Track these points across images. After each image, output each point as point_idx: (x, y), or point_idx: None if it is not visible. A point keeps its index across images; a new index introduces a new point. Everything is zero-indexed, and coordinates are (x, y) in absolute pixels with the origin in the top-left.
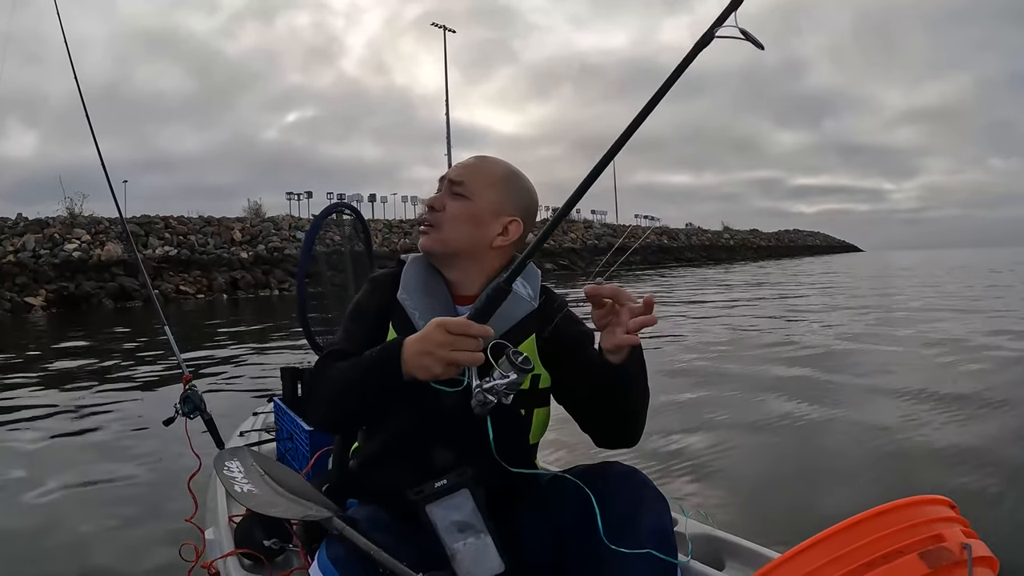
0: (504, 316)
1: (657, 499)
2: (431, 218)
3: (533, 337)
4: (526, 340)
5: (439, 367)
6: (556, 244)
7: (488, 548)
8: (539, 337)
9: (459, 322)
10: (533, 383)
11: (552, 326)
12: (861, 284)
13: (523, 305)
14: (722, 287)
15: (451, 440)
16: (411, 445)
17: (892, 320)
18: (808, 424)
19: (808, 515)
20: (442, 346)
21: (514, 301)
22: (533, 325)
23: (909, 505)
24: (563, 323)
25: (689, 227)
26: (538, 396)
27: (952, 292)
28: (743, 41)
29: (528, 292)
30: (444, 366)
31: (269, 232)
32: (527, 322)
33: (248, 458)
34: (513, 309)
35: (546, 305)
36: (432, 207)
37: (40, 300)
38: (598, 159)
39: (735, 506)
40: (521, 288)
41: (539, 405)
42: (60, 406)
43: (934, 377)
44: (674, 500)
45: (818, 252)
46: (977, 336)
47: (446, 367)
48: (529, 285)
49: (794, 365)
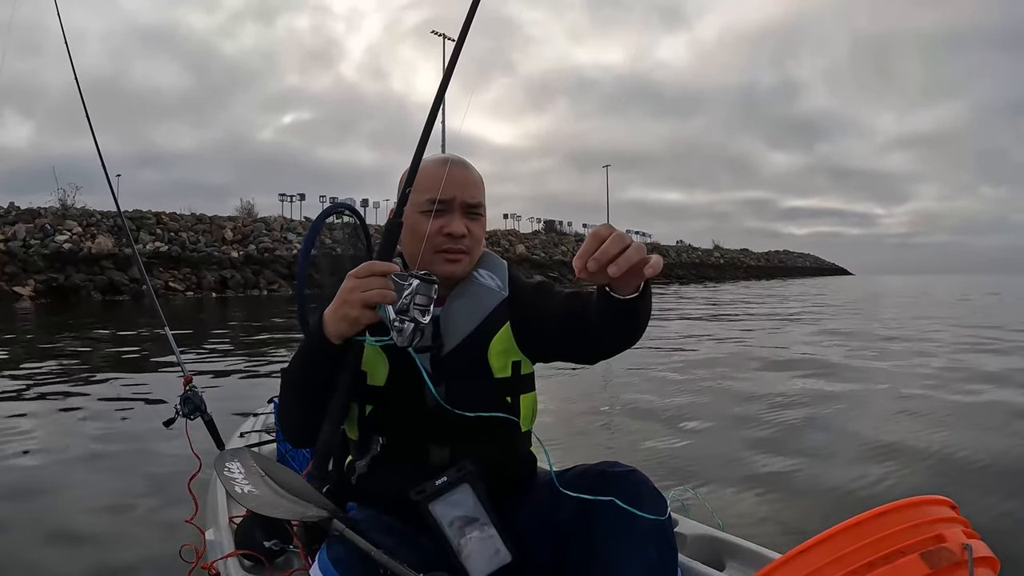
0: (475, 308)
1: (656, 499)
2: (463, 245)
3: (508, 325)
4: (501, 329)
5: (355, 310)
6: (547, 256)
7: (495, 540)
8: (515, 324)
9: (364, 265)
10: (515, 369)
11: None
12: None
13: (493, 295)
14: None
15: (446, 438)
16: (406, 448)
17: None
18: (808, 424)
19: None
20: (352, 291)
21: (483, 292)
22: (506, 314)
23: (910, 505)
24: (528, 291)
25: (680, 244)
26: (522, 382)
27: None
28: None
29: (496, 283)
30: (359, 309)
31: (260, 232)
32: (499, 311)
33: (248, 459)
34: (484, 301)
35: (516, 292)
36: (461, 235)
37: (29, 290)
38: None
39: (735, 506)
40: (489, 279)
41: (524, 391)
42: (59, 406)
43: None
44: (674, 500)
45: (808, 274)
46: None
47: (361, 310)
48: (496, 276)
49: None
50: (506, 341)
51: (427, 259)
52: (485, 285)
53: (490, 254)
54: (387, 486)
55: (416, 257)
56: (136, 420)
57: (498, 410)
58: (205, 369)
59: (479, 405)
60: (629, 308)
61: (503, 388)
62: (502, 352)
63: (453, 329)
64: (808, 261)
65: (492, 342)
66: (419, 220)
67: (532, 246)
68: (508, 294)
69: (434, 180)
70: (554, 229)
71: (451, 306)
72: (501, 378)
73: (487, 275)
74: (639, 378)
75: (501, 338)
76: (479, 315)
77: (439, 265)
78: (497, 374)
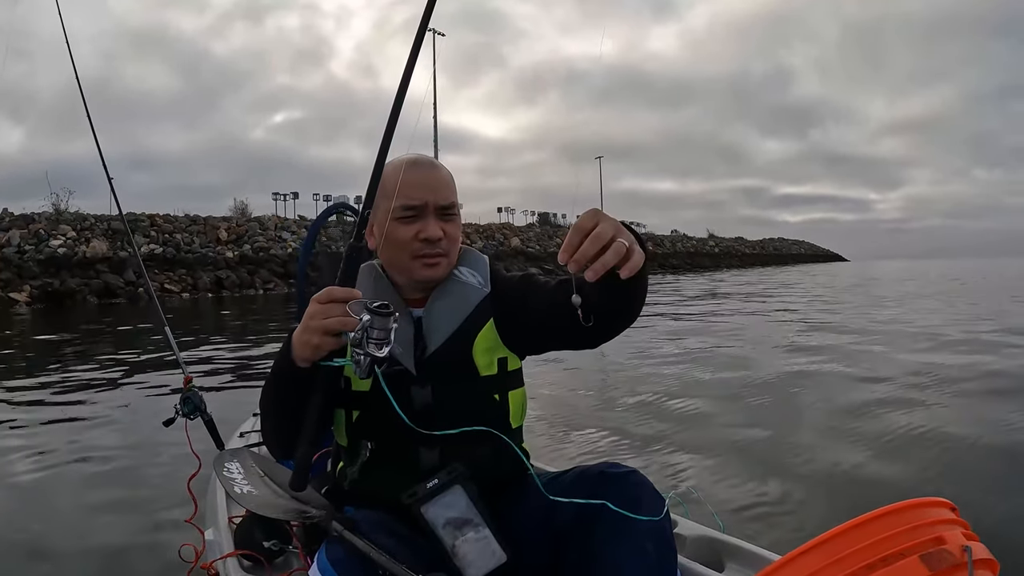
0: (458, 306)
1: (655, 499)
2: (440, 248)
3: (491, 322)
4: (485, 326)
5: (316, 338)
6: (541, 249)
7: (488, 540)
8: (498, 320)
9: (325, 290)
10: (501, 366)
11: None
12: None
13: (475, 292)
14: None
15: (435, 440)
16: (396, 452)
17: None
18: (808, 424)
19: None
20: (314, 317)
21: (465, 291)
22: (489, 310)
23: (910, 507)
24: (511, 284)
25: (674, 234)
26: (510, 379)
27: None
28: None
29: (478, 279)
30: (320, 336)
31: (255, 232)
32: (482, 308)
33: (248, 459)
34: (465, 299)
35: (499, 287)
36: (436, 239)
37: (24, 296)
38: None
39: (735, 507)
40: (470, 277)
41: (512, 388)
42: (59, 406)
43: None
44: (674, 501)
45: (803, 260)
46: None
47: (321, 337)
48: (478, 272)
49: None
50: (491, 338)
51: (406, 265)
52: (466, 283)
53: (470, 250)
54: (379, 490)
55: (394, 265)
56: (136, 420)
57: (486, 409)
58: (205, 369)
59: (465, 405)
60: (621, 290)
61: (490, 386)
62: (487, 350)
63: (435, 330)
64: (803, 248)
65: (476, 340)
66: (394, 227)
67: (527, 239)
68: (490, 290)
69: (405, 185)
70: (548, 222)
71: (432, 306)
72: (487, 376)
73: (468, 272)
74: (638, 372)
75: (485, 336)
76: (461, 314)
77: (418, 271)
78: (483, 372)
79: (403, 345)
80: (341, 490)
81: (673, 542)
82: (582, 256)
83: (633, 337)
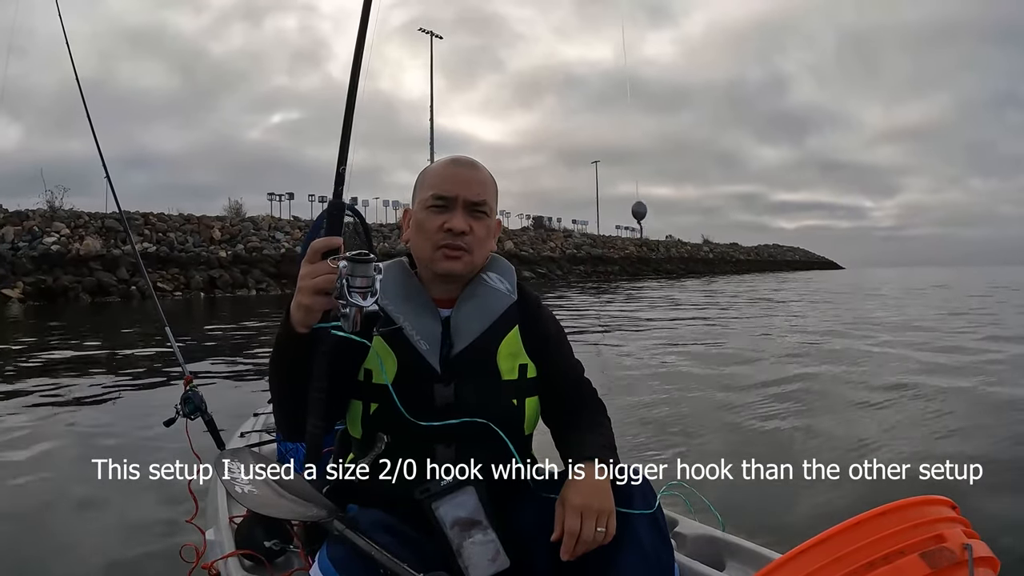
0: (486, 310)
1: (647, 492)
2: (463, 242)
3: (516, 328)
4: (510, 332)
5: (307, 298)
6: (535, 252)
7: (494, 544)
8: (522, 328)
9: (310, 246)
10: (522, 372)
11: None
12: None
13: (503, 299)
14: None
15: (452, 437)
16: (412, 446)
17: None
18: (808, 423)
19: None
20: (304, 278)
21: (493, 295)
22: (515, 317)
23: (910, 505)
24: (542, 318)
25: (669, 239)
26: (528, 385)
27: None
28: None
29: (506, 286)
30: (310, 296)
31: (248, 232)
32: (509, 314)
33: (249, 459)
34: (494, 303)
35: (523, 299)
36: (461, 231)
37: (17, 292)
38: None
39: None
40: (499, 283)
41: (529, 395)
42: (58, 406)
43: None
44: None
45: (798, 268)
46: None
47: (311, 296)
48: (506, 279)
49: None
50: (514, 344)
51: (429, 256)
52: (495, 287)
53: (499, 258)
54: (390, 485)
55: (419, 255)
56: (136, 420)
57: (503, 412)
58: (205, 369)
59: (487, 405)
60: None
61: (509, 390)
62: (510, 355)
63: (463, 330)
64: (797, 255)
65: (501, 344)
66: (425, 216)
67: (520, 242)
68: (516, 298)
69: (440, 178)
70: (542, 225)
71: (461, 307)
72: (508, 380)
73: (496, 278)
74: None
75: (510, 341)
76: (489, 317)
77: (439, 262)
78: (505, 376)
79: (430, 343)
80: (347, 485)
81: (666, 530)
82: (572, 556)
83: (633, 337)
